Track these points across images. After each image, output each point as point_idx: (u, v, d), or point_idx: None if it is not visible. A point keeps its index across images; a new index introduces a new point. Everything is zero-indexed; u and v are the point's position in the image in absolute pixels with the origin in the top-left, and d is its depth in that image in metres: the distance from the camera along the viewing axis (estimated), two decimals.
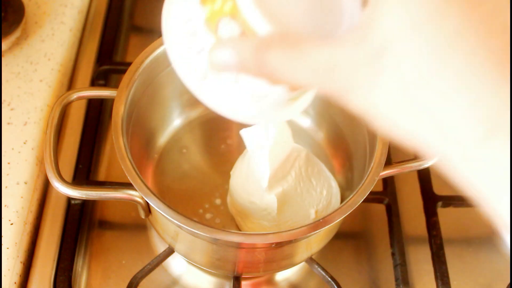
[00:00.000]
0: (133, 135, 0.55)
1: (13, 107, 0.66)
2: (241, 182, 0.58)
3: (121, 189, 0.50)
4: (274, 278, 0.63)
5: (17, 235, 0.58)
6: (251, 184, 0.56)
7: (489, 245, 0.67)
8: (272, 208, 0.55)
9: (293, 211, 0.56)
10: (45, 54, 0.71)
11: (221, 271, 0.59)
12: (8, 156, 0.62)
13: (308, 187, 0.57)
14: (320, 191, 0.57)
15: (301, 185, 0.56)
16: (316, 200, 0.57)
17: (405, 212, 0.66)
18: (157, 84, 0.59)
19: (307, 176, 0.57)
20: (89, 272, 0.61)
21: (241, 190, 0.58)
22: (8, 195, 0.60)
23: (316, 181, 0.57)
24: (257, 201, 0.56)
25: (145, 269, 0.57)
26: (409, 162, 0.54)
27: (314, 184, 0.57)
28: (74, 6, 0.78)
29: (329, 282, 0.58)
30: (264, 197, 0.55)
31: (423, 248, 0.64)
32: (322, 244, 0.56)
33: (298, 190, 0.56)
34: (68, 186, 0.48)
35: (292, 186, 0.56)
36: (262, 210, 0.55)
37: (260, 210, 0.55)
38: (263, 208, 0.55)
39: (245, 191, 0.57)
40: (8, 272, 0.56)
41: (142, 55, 0.55)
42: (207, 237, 0.48)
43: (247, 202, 0.56)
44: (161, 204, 0.46)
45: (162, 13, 0.38)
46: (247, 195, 0.57)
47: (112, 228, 0.64)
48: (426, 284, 0.62)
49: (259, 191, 0.55)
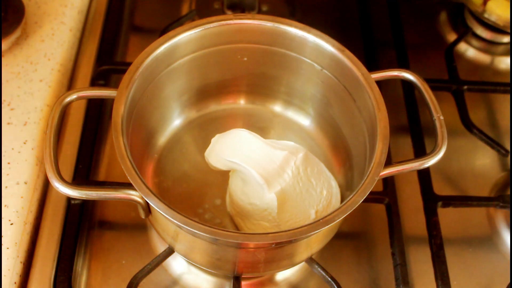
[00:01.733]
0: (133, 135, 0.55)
1: (13, 107, 0.66)
2: (240, 183, 0.58)
3: (121, 189, 0.49)
4: (274, 278, 0.63)
5: (17, 235, 0.58)
6: (250, 185, 0.56)
7: (489, 245, 0.67)
8: (272, 207, 0.55)
9: (293, 211, 0.56)
10: (45, 54, 0.71)
11: (221, 271, 0.59)
12: (8, 156, 0.62)
13: (307, 187, 0.57)
14: (320, 191, 0.57)
15: (300, 185, 0.56)
16: (316, 200, 0.57)
17: (405, 212, 0.66)
18: (157, 84, 0.59)
19: (306, 176, 0.57)
20: (89, 272, 0.61)
21: (240, 191, 0.58)
22: (8, 195, 0.60)
23: (316, 181, 0.57)
24: (257, 201, 0.56)
25: (145, 269, 0.57)
26: (409, 162, 0.54)
27: (314, 184, 0.57)
28: (74, 6, 0.78)
29: (329, 282, 0.58)
30: (264, 197, 0.55)
31: (423, 248, 0.64)
32: (322, 244, 0.56)
33: (297, 190, 0.56)
34: (68, 186, 0.48)
35: (290, 185, 0.56)
36: (262, 211, 0.55)
37: (260, 210, 0.56)
38: (264, 208, 0.55)
39: (245, 192, 0.57)
40: (8, 272, 0.56)
41: (142, 55, 0.55)
42: (207, 237, 0.48)
43: (247, 203, 0.56)
44: (161, 204, 0.46)
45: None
46: (246, 196, 0.57)
47: (112, 228, 0.64)
48: (426, 284, 0.62)
49: (258, 191, 0.55)
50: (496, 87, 0.79)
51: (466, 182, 0.73)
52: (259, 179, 0.54)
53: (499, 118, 0.80)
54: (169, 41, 0.56)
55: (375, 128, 0.53)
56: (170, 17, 0.83)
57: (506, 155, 0.73)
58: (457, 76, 0.78)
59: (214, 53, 0.61)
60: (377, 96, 0.54)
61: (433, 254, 0.62)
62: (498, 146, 0.72)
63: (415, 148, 0.71)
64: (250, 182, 0.56)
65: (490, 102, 0.81)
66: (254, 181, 0.55)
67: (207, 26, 0.58)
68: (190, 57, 0.60)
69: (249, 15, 0.60)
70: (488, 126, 0.78)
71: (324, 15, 0.89)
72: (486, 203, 0.68)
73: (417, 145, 0.71)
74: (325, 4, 0.91)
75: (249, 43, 0.61)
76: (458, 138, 0.75)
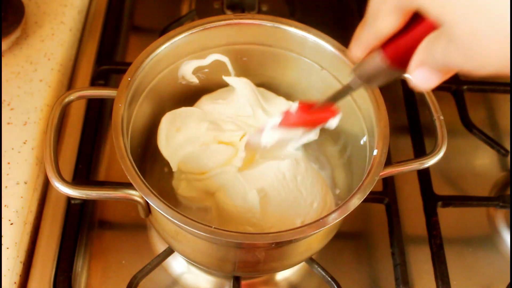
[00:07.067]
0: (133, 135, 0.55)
1: (13, 107, 0.66)
2: (226, 189, 0.58)
3: (121, 189, 0.49)
4: (274, 278, 0.63)
5: (17, 235, 0.58)
6: (235, 187, 0.56)
7: (489, 245, 0.67)
8: (255, 206, 0.54)
9: (277, 217, 0.55)
10: (45, 54, 0.71)
11: (221, 271, 0.59)
12: (8, 156, 0.62)
13: (295, 196, 0.56)
14: (310, 203, 0.56)
15: (285, 191, 0.55)
16: (303, 211, 0.55)
17: (405, 212, 0.66)
18: (157, 84, 0.59)
19: (293, 184, 0.56)
20: (89, 272, 0.61)
21: (225, 195, 0.57)
22: (8, 195, 0.60)
23: (306, 192, 0.56)
24: (241, 203, 0.55)
25: (145, 269, 0.57)
26: (409, 162, 0.54)
27: (304, 194, 0.56)
28: (74, 6, 0.78)
29: (329, 282, 0.58)
30: (246, 197, 0.55)
31: (423, 248, 0.64)
32: (322, 244, 0.56)
33: (282, 195, 0.55)
34: (68, 186, 0.48)
35: (274, 189, 0.55)
36: (246, 212, 0.55)
37: (244, 212, 0.55)
38: (247, 209, 0.55)
39: (229, 196, 0.57)
40: (8, 272, 0.56)
41: (142, 55, 0.55)
42: (207, 237, 0.48)
43: (231, 206, 0.56)
44: (161, 204, 0.46)
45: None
46: (230, 199, 0.57)
47: (112, 228, 0.64)
48: (426, 284, 0.62)
49: (242, 192, 0.55)
50: (496, 87, 0.79)
51: (466, 182, 0.73)
52: (240, 178, 0.54)
53: (499, 118, 0.80)
54: (169, 41, 0.56)
55: (375, 127, 0.53)
56: (170, 17, 0.83)
57: (506, 155, 0.73)
58: (457, 76, 0.78)
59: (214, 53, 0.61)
60: (377, 96, 0.54)
61: (433, 254, 0.62)
62: (498, 146, 0.72)
63: (415, 148, 0.71)
64: (234, 184, 0.56)
65: (490, 102, 0.81)
66: (237, 182, 0.55)
67: (207, 26, 0.58)
68: (189, 57, 0.60)
69: (249, 15, 0.60)
70: (488, 126, 0.78)
71: (324, 15, 0.89)
72: (486, 203, 0.68)
73: (417, 145, 0.71)
74: (325, 4, 0.91)
75: (249, 43, 0.61)
76: (458, 138, 0.75)
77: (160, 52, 0.56)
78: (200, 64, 0.61)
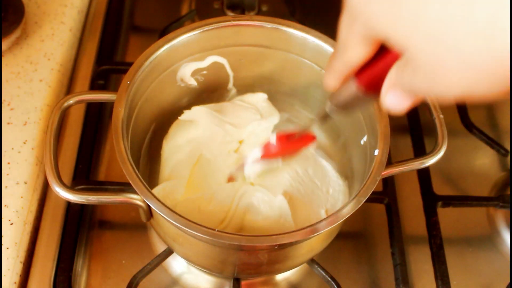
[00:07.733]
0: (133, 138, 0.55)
1: (13, 107, 0.66)
2: (250, 207, 0.58)
3: (122, 193, 0.49)
4: (274, 278, 0.63)
5: (17, 235, 0.58)
6: (259, 201, 0.56)
7: (489, 245, 0.67)
8: (285, 211, 0.54)
9: (305, 215, 0.55)
10: (45, 54, 0.71)
11: (223, 273, 0.58)
12: (8, 156, 0.62)
13: (313, 188, 0.56)
14: (326, 191, 0.57)
15: (303, 186, 0.56)
16: (324, 200, 0.56)
17: (405, 212, 0.66)
18: (156, 86, 0.59)
19: (307, 177, 0.57)
20: (89, 272, 0.61)
21: (251, 211, 0.57)
22: (8, 195, 0.60)
23: (320, 181, 0.57)
24: (268, 212, 0.55)
25: (145, 269, 0.57)
26: (409, 161, 0.54)
27: (319, 184, 0.57)
28: (74, 6, 0.78)
29: (329, 282, 0.58)
30: (273, 204, 0.54)
31: (423, 248, 0.64)
32: (325, 244, 0.56)
33: (302, 192, 0.56)
34: (68, 191, 0.48)
35: (294, 188, 0.55)
36: (277, 221, 0.55)
37: (275, 220, 0.55)
38: (278, 216, 0.55)
39: (255, 211, 0.57)
40: (8, 272, 0.56)
41: (141, 57, 0.55)
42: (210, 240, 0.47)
43: (260, 219, 0.56)
44: (163, 207, 0.46)
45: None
46: (257, 214, 0.56)
47: (112, 228, 0.64)
48: (426, 284, 0.62)
49: (266, 202, 0.55)
50: None
51: (466, 182, 0.73)
52: (263, 190, 0.54)
53: (499, 118, 0.80)
54: (168, 44, 0.56)
55: (376, 127, 0.53)
56: (170, 17, 0.83)
57: (506, 155, 0.73)
58: None
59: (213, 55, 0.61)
60: None
61: (433, 254, 0.62)
62: (498, 146, 0.72)
63: (415, 148, 0.71)
64: (257, 199, 0.56)
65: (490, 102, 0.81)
66: (260, 196, 0.55)
67: (206, 28, 0.58)
68: (188, 59, 0.60)
69: (247, 17, 0.60)
70: (488, 126, 0.78)
71: (324, 15, 0.89)
72: (486, 203, 0.68)
73: (417, 145, 0.71)
74: (325, 4, 0.90)
75: (247, 44, 0.61)
76: (458, 138, 0.75)
77: (158, 54, 0.56)
78: (198, 66, 0.60)
